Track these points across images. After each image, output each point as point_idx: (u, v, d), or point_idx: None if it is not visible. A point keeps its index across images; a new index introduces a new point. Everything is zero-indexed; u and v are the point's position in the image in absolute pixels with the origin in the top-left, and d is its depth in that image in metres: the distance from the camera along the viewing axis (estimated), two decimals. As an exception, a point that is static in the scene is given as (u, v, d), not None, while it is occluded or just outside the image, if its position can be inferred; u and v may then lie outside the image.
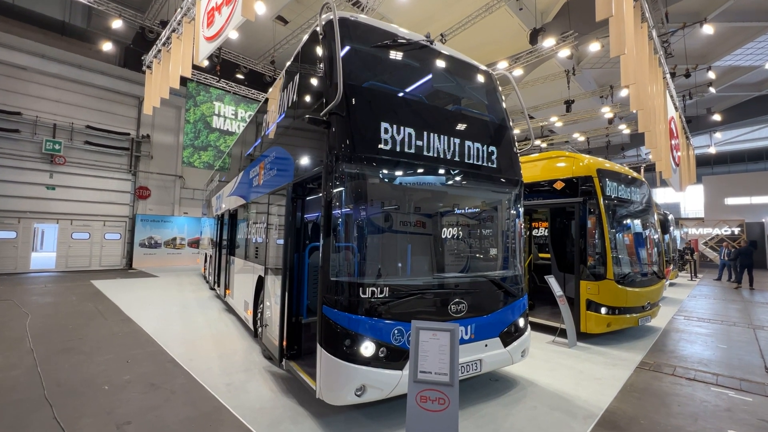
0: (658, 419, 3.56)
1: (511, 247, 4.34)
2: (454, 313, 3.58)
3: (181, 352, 5.20)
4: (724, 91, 22.12)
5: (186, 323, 6.89)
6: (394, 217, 3.80)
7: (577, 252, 6.25)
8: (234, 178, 8.38)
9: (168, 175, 18.88)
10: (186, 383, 4.13)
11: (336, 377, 3.05)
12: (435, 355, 2.38)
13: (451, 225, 4.24)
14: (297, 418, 3.38)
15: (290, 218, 4.12)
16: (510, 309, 4.06)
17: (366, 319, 3.12)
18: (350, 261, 3.21)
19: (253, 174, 6.40)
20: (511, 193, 4.38)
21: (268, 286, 4.73)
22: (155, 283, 12.47)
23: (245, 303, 6.18)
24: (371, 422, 3.34)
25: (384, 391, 3.15)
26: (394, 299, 3.26)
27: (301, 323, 4.16)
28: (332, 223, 3.21)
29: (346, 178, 3.24)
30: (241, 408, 3.55)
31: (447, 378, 2.31)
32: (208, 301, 9.27)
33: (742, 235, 26.65)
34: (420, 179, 3.75)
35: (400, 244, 3.86)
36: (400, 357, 3.20)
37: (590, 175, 6.25)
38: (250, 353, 5.23)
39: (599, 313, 6.00)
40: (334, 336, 3.09)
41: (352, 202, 3.28)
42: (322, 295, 3.21)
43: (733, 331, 7.23)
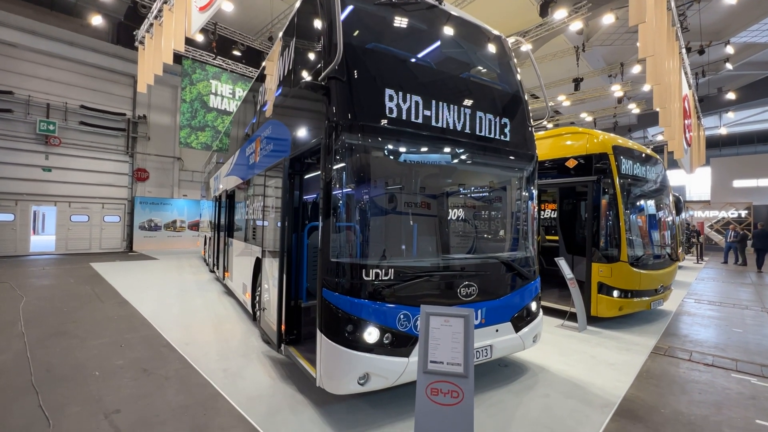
0: (679, 408, 3.35)
1: (524, 227, 4.07)
2: (463, 297, 3.34)
3: (178, 336, 5.02)
4: (738, 70, 21.35)
5: (184, 306, 6.71)
6: (399, 193, 3.51)
7: (590, 233, 5.97)
8: (231, 157, 8.07)
9: (166, 156, 18.53)
10: (181, 369, 3.94)
11: (337, 365, 2.83)
12: (447, 343, 2.13)
13: (460, 203, 3.96)
14: (296, 407, 3.19)
15: (287, 196, 3.84)
16: (522, 292, 3.82)
17: (369, 303, 2.87)
18: (352, 240, 2.95)
19: (249, 152, 6.09)
20: (525, 170, 4.08)
21: (266, 267, 4.49)
22: (155, 265, 12.32)
23: (243, 286, 5.98)
24: (375, 411, 3.15)
25: (389, 379, 2.93)
26: (400, 282, 3.01)
27: (301, 307, 3.94)
28: (332, 199, 2.93)
29: (346, 150, 2.94)
30: (238, 395, 3.37)
31: (461, 369, 2.07)
32: (208, 283, 9.10)
33: (748, 217, 26.26)
34: (427, 153, 3.44)
35: (406, 222, 3.58)
36: (406, 343, 2.97)
37: (605, 152, 5.91)
38: (248, 337, 5.05)
39: (611, 296, 5.77)
40: (335, 321, 2.86)
41: (353, 177, 2.99)
42: (322, 278, 2.96)
43: (746, 315, 7.01)
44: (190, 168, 19.19)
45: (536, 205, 4.24)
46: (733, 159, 29.53)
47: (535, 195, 4.17)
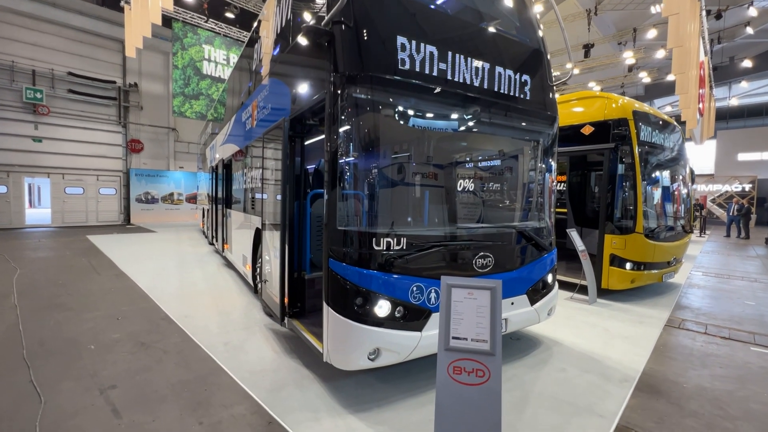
0: (701, 383, 3.21)
1: (543, 195, 3.80)
2: (479, 269, 3.12)
3: (176, 308, 4.85)
4: (753, 38, 20.43)
5: (182, 279, 6.54)
6: (411, 157, 3.21)
7: (603, 204, 5.71)
8: (226, 125, 7.67)
9: (160, 127, 17.95)
10: (180, 342, 3.78)
11: (346, 340, 2.64)
12: (471, 318, 1.91)
13: (476, 169, 3.66)
14: (302, 382, 3.04)
15: (288, 161, 3.54)
16: (539, 264, 3.60)
17: (380, 274, 2.65)
18: (360, 207, 2.68)
19: (245, 117, 5.72)
20: (545, 133, 3.77)
21: (266, 239, 4.26)
22: (153, 238, 12.12)
23: (243, 257, 5.77)
24: (385, 386, 3.00)
25: (401, 354, 2.76)
26: (413, 252, 2.77)
27: (304, 279, 3.73)
28: (338, 162, 2.64)
29: (354, 105, 2.62)
30: (240, 370, 3.21)
31: (487, 346, 1.86)
32: (207, 256, 8.92)
33: (752, 191, 26.00)
34: (442, 111, 3.12)
35: (418, 189, 3.30)
36: (419, 317, 2.78)
37: (625, 117, 5.55)
38: (249, 310, 4.88)
39: (623, 268, 5.59)
40: (343, 294, 2.64)
41: (362, 137, 2.69)
42: (328, 248, 2.72)
43: (756, 288, 6.89)
44: (185, 139, 18.65)
45: (556, 172, 3.95)
46: (740, 132, 28.80)
47: (555, 162, 3.88)
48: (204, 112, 15.01)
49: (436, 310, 2.84)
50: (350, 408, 2.68)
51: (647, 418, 2.67)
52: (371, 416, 2.59)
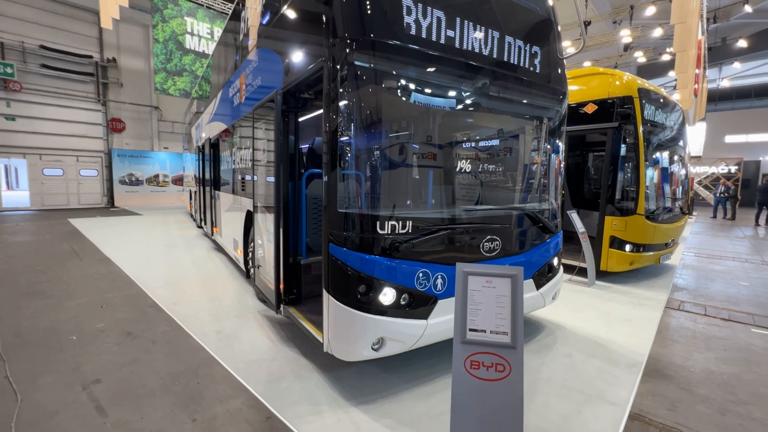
0: (708, 366, 3.17)
1: (550, 176, 3.64)
2: (486, 253, 2.97)
3: (165, 295, 4.63)
4: (748, 18, 20.24)
5: (170, 263, 6.29)
6: (417, 132, 2.99)
7: (605, 185, 5.59)
8: (212, 101, 7.26)
9: (142, 105, 17.19)
10: (169, 331, 3.58)
11: (348, 329, 2.48)
12: (490, 308, 1.75)
13: (484, 147, 3.46)
14: (301, 372, 2.88)
15: (281, 138, 3.28)
16: (545, 247, 3.47)
17: (385, 260, 2.46)
18: (364, 188, 2.47)
19: (233, 92, 5.37)
20: (555, 109, 3.57)
21: (258, 221, 4.03)
22: (138, 221, 11.73)
23: (234, 241, 5.54)
24: (388, 375, 2.87)
25: (406, 343, 2.61)
26: (419, 236, 2.59)
27: (300, 264, 3.53)
28: (339, 139, 2.41)
29: (356, 74, 2.37)
30: (234, 360, 3.04)
31: (507, 338, 1.71)
32: (195, 239, 8.64)
33: (738, 173, 26.42)
34: (450, 83, 2.88)
35: (425, 168, 3.09)
36: (425, 304, 2.62)
37: (630, 95, 5.37)
38: (242, 296, 4.69)
39: (623, 250, 5.53)
40: (345, 280, 2.46)
41: (365, 111, 2.45)
42: (328, 231, 2.52)
43: (747, 268, 6.95)
44: (169, 118, 17.94)
45: (564, 151, 3.78)
46: (728, 114, 28.99)
47: (563, 141, 3.71)
48: (188, 90, 14.35)
49: (443, 296, 2.70)
50: (353, 400, 2.55)
51: (659, 404, 2.60)
52: (375, 408, 2.46)
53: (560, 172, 3.75)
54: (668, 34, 18.53)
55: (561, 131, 3.66)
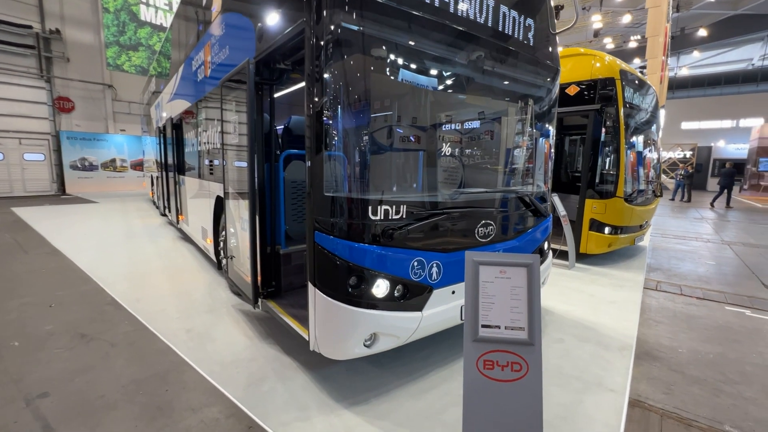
0: (694, 346, 3.20)
1: (542, 157, 3.50)
2: (481, 238, 2.80)
3: (125, 290, 4.19)
4: (704, 9, 21.12)
5: (132, 255, 5.77)
6: (411, 107, 2.72)
7: (585, 168, 5.58)
8: (173, 77, 6.62)
9: (94, 83, 15.74)
10: (131, 332, 3.21)
11: (338, 325, 2.25)
12: (504, 301, 1.57)
13: (476, 127, 3.25)
14: (284, 372, 2.64)
15: (254, 114, 2.92)
16: (537, 231, 3.36)
17: (377, 248, 2.23)
18: (354, 169, 2.21)
19: (196, 64, 4.85)
20: (548, 88, 3.41)
21: (230, 208, 3.67)
22: (94, 210, 10.83)
23: (203, 230, 5.12)
24: (380, 371, 2.68)
25: (401, 338, 2.42)
26: (415, 221, 2.37)
27: (279, 254, 3.24)
28: (324, 113, 2.12)
29: (343, 37, 2.07)
30: (209, 362, 2.74)
31: (524, 334, 1.54)
32: (159, 228, 8.04)
33: (692, 158, 28.00)
34: (447, 51, 2.62)
35: (417, 148, 2.85)
36: (420, 295, 2.43)
37: (612, 77, 5.32)
38: (214, 289, 4.34)
39: (602, 233, 5.58)
40: (334, 272, 2.21)
41: (353, 80, 2.17)
42: (313, 218, 2.25)
43: (711, 248, 7.29)
44: (125, 98, 16.56)
45: (555, 131, 3.65)
46: (684, 101, 30.50)
47: (555, 119, 3.57)
48: (145, 66, 13.22)
49: (438, 286, 2.52)
50: (344, 401, 2.34)
51: (656, 388, 2.57)
52: (369, 409, 2.27)
53: (550, 155, 3.63)
54: (635, 21, 19.01)
55: (553, 111, 3.52)
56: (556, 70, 3.43)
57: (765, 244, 7.63)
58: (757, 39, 25.42)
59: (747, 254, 6.74)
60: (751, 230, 9.42)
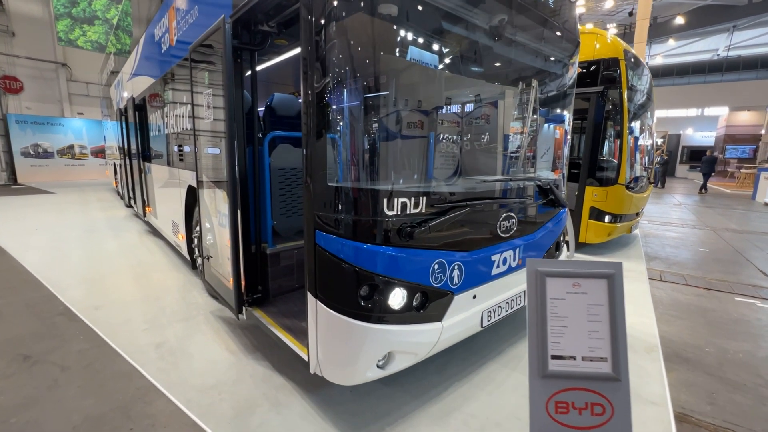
0: (719, 344, 3.00)
1: (562, 141, 3.17)
2: (503, 233, 2.44)
3: (82, 297, 3.62)
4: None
5: (90, 253, 5.11)
6: (429, 79, 2.28)
7: (586, 154, 5.33)
8: (134, 49, 5.86)
9: (44, 61, 14.28)
10: (88, 350, 2.69)
11: (346, 345, 1.84)
12: (580, 324, 1.20)
13: (491, 102, 2.85)
14: (277, 397, 2.21)
15: (232, 87, 2.41)
16: (556, 222, 3.04)
17: (394, 250, 1.82)
18: (367, 154, 1.77)
19: (160, 31, 4.20)
20: (568, 64, 3.06)
21: (205, 200, 3.15)
22: (49, 201, 9.83)
23: (173, 224, 4.54)
24: (390, 390, 2.30)
25: (419, 355, 2.04)
26: (435, 216, 1.97)
27: (266, 253, 2.78)
28: (328, 83, 1.67)
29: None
30: (184, 388, 2.28)
31: (607, 366, 1.19)
32: (124, 221, 7.30)
33: (663, 145, 28.86)
34: (468, 13, 2.19)
35: (433, 127, 2.41)
36: (440, 303, 2.05)
37: (616, 57, 5.03)
38: (188, 291, 3.82)
39: (602, 221, 5.38)
40: (341, 281, 1.79)
41: (364, 42, 1.72)
42: (314, 215, 1.81)
43: (698, 234, 7.30)
44: (81, 78, 15.18)
45: (572, 112, 3.31)
46: (655, 90, 31.12)
47: (573, 99, 3.22)
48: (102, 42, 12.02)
49: (459, 291, 2.15)
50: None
51: (698, 398, 2.32)
52: (385, 442, 1.89)
53: (567, 138, 3.30)
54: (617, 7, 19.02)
55: (572, 90, 3.17)
56: (578, 43, 3.07)
57: (749, 230, 7.73)
58: (723, 30, 26.22)
59: (735, 240, 6.76)
60: (729, 215, 9.60)
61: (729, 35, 26.95)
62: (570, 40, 2.97)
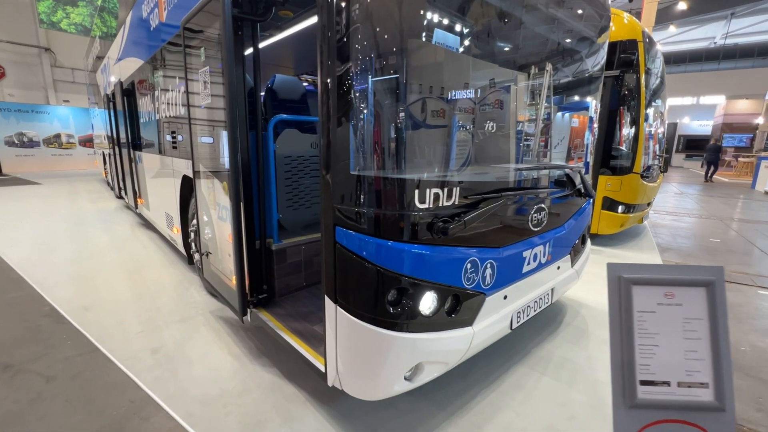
0: (754, 342, 2.84)
1: (592, 126, 2.94)
2: (534, 227, 2.23)
3: (70, 295, 3.36)
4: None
5: (79, 248, 4.82)
6: (458, 63, 2.01)
7: (600, 141, 5.11)
8: (120, 29, 5.48)
9: (27, 45, 13.66)
10: (76, 357, 2.44)
11: (373, 358, 1.62)
12: (674, 342, 0.99)
13: (531, 86, 2.60)
14: (289, 409, 2.00)
15: (233, 64, 2.14)
16: (582, 213, 2.84)
17: (428, 248, 1.60)
18: (396, 139, 1.52)
19: (147, 7, 3.86)
20: (600, 44, 2.83)
21: (202, 191, 2.88)
22: (35, 192, 9.45)
23: (168, 217, 4.27)
24: (414, 400, 2.09)
25: (449, 364, 1.84)
26: (469, 208, 1.74)
27: (272, 249, 2.54)
28: (352, 55, 1.42)
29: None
30: (185, 399, 2.05)
31: (709, 394, 0.97)
32: (115, 213, 6.99)
33: (661, 134, 28.67)
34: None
35: (466, 113, 2.16)
36: (471, 305, 1.84)
37: (635, 39, 4.79)
38: (185, 289, 3.57)
39: (615, 211, 5.20)
40: (365, 285, 1.56)
41: (388, 18, 1.46)
42: (334, 208, 1.57)
43: (706, 224, 7.17)
44: (67, 64, 14.57)
45: (600, 95, 3.07)
46: (653, 77, 30.89)
47: (602, 79, 2.98)
48: (87, 25, 11.47)
49: (491, 291, 1.93)
50: (378, 452, 1.74)
51: (745, 404, 2.15)
52: (414, 463, 1.69)
53: (594, 125, 3.07)
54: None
55: (602, 71, 2.94)
56: (608, 18, 2.82)
57: (755, 219, 7.62)
58: (721, 17, 25.96)
59: (744, 230, 6.64)
60: (732, 205, 9.51)
61: (726, 23, 26.69)
62: (603, 17, 2.73)
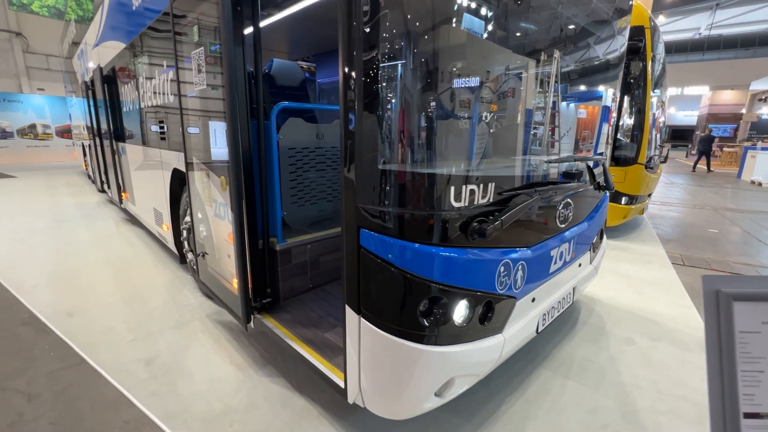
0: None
1: (616, 116, 2.80)
2: (561, 223, 2.08)
3: (52, 300, 3.10)
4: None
5: (60, 246, 4.52)
6: (493, 47, 1.81)
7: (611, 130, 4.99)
8: (98, 11, 5.09)
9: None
10: (60, 371, 2.22)
11: (401, 374, 1.45)
12: (784, 367, 0.84)
13: (547, 74, 2.42)
14: (301, 427, 1.83)
15: (232, 44, 1.90)
16: (601, 207, 2.71)
17: (465, 252, 1.43)
18: (430, 130, 1.34)
19: (129, -14, 3.54)
20: (623, 30, 2.68)
21: (196, 186, 2.65)
22: (9, 186, 8.96)
23: (156, 213, 4.00)
24: (436, 412, 1.93)
25: (479, 375, 1.69)
26: (504, 207, 1.57)
27: (275, 249, 2.34)
28: (382, 36, 1.22)
29: None
30: (185, 418, 1.86)
31: (825, 427, 0.83)
32: (98, 208, 6.63)
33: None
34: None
35: (502, 104, 1.97)
36: (502, 311, 1.69)
37: (642, 26, 4.65)
38: (178, 290, 3.35)
39: (619, 203, 5.13)
40: (394, 294, 1.39)
41: None
42: (356, 207, 1.38)
43: (702, 215, 7.20)
44: (40, 49, 13.80)
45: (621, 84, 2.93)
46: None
47: (622, 66, 2.84)
48: (61, 8, 10.81)
49: (521, 295, 1.79)
50: (404, 474, 1.59)
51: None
52: (445, 485, 1.54)
53: (613, 115, 2.93)
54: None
55: (623, 59, 2.80)
56: (630, 7, 2.67)
57: (747, 209, 7.70)
58: (706, 8, 26.18)
59: (739, 220, 6.68)
60: (722, 194, 9.62)
61: (711, 14, 26.93)
62: (625, 5, 2.57)
